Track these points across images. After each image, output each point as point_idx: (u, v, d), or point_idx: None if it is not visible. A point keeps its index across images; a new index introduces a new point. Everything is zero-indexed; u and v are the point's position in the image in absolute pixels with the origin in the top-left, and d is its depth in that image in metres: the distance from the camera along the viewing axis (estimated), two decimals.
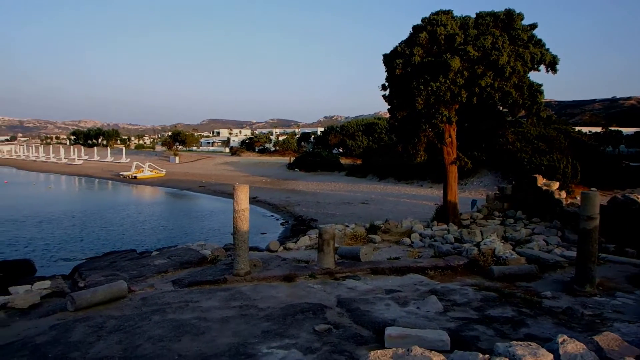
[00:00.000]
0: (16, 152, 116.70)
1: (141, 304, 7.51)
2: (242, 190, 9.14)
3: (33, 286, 8.72)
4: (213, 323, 6.57)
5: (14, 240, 22.71)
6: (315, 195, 37.92)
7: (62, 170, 72.55)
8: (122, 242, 22.60)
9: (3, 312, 7.36)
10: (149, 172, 59.38)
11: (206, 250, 12.20)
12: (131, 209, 34.25)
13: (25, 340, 6.08)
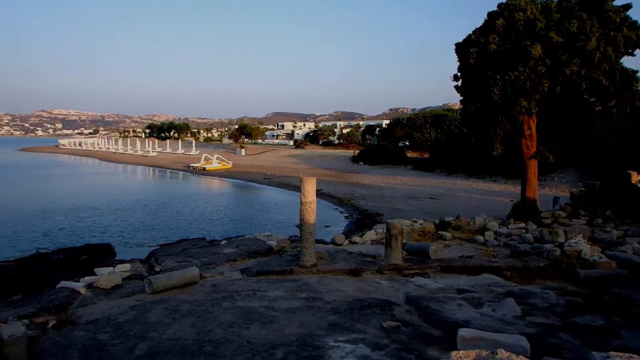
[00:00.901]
0: (98, 144, 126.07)
1: (212, 290, 7.88)
2: (309, 182, 9.27)
3: (115, 268, 9.44)
4: (280, 313, 6.75)
5: (93, 226, 24.63)
6: (381, 189, 37.61)
7: (138, 161, 77.43)
8: (191, 230, 23.76)
9: (90, 291, 8.05)
10: (216, 164, 61.80)
11: (272, 241, 12.53)
12: (200, 199, 35.88)
13: (109, 317, 6.61)
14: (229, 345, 5.58)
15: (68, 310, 7.22)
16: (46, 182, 47.49)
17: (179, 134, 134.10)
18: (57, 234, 22.68)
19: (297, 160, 66.94)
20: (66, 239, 21.61)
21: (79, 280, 8.93)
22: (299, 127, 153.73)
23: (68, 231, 23.40)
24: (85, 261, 14.61)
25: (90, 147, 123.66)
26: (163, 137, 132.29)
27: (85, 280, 8.76)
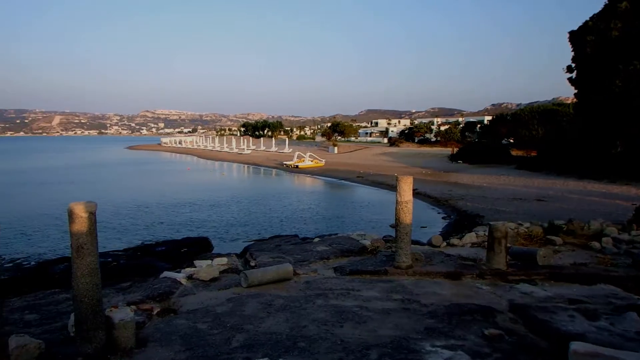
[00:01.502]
0: (196, 142, 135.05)
1: (305, 287, 8.08)
2: (405, 181, 9.14)
3: (213, 262, 10.05)
4: (374, 313, 6.73)
5: (190, 221, 26.51)
6: (482, 190, 35.97)
7: (233, 158, 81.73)
8: (283, 227, 24.57)
9: (190, 282, 8.66)
10: (309, 162, 63.21)
11: (366, 240, 12.53)
12: (292, 197, 36.96)
13: (208, 308, 7.06)
14: (322, 343, 5.68)
15: (170, 299, 7.80)
16: (150, 178, 51.96)
17: (272, 132, 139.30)
18: (158, 227, 24.75)
19: (391, 159, 66.33)
20: (167, 232, 23.49)
21: (180, 271, 9.63)
22: (393, 124, 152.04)
23: (169, 225, 25.42)
24: (186, 253, 15.78)
25: (189, 145, 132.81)
26: (257, 135, 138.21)
27: (186, 272, 9.43)
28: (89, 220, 5.91)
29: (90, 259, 5.96)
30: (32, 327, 7.22)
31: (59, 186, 44.44)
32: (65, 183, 47.26)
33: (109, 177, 53.80)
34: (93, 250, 5.99)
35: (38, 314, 8.03)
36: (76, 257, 5.92)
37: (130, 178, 51.74)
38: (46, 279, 13.64)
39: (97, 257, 6.10)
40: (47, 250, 20.24)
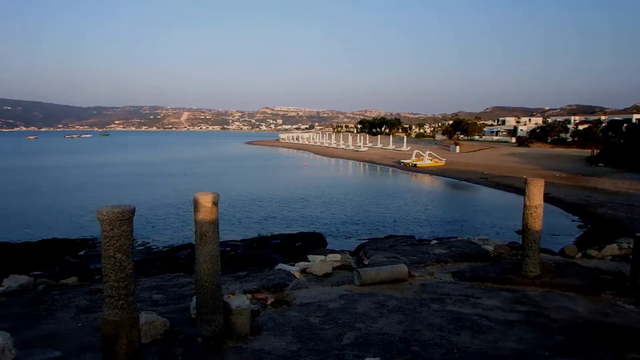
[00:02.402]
0: (313, 139, 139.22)
1: (420, 290, 7.92)
2: (535, 184, 8.52)
3: (326, 257, 10.30)
4: (495, 324, 6.38)
5: (302, 216, 27.41)
6: (629, 197, 32.22)
7: (349, 156, 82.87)
8: (397, 227, 24.33)
9: (303, 276, 8.97)
10: (428, 161, 61.80)
11: (488, 246, 11.93)
12: (408, 196, 36.43)
13: (320, 303, 7.25)
14: (437, 349, 5.53)
15: (284, 291, 8.14)
16: (266, 172, 54.76)
17: (390, 130, 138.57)
18: (272, 221, 26.02)
19: (519, 160, 62.28)
20: (280, 226, 24.60)
21: (294, 265, 10.01)
22: (522, 122, 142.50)
23: (282, 219, 26.61)
24: (300, 247, 16.37)
25: (305, 141, 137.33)
26: (374, 132, 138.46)
27: (299, 265, 9.79)
28: (212, 210, 6.39)
29: (212, 247, 6.45)
30: (158, 306, 8.03)
31: (184, 178, 48.89)
32: (189, 175, 51.81)
33: (227, 170, 57.81)
34: (215, 238, 6.48)
35: (164, 294, 8.90)
36: (199, 244, 6.45)
37: (247, 172, 55.08)
38: (171, 263, 15.10)
39: (218, 245, 6.59)
40: (172, 237, 22.37)
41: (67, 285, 10.15)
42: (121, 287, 4.78)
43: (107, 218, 4.67)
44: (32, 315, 7.76)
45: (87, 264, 15.88)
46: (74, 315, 7.72)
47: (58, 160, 78.76)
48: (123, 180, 46.51)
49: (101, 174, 53.28)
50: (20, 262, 17.18)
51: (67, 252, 19.06)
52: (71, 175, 51.51)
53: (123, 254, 4.77)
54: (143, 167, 62.19)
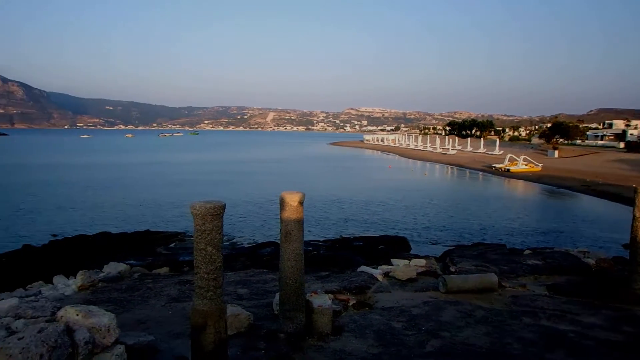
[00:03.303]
0: (399, 141, 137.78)
1: (511, 302, 7.60)
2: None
3: (410, 262, 10.18)
4: (595, 344, 5.97)
5: (384, 219, 27.24)
6: None
7: (436, 158, 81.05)
8: (485, 235, 23.44)
9: (386, 280, 8.94)
10: (523, 166, 58.85)
11: (589, 259, 11.14)
12: (499, 203, 34.93)
13: (403, 308, 7.19)
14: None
15: (366, 293, 8.17)
16: (349, 174, 55.04)
17: (481, 132, 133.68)
18: (353, 223, 26.11)
19: (628, 167, 57.45)
20: (361, 228, 24.66)
21: (377, 268, 10.00)
22: (633, 125, 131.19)
23: (363, 221, 26.64)
24: (382, 251, 16.31)
25: (391, 143, 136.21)
26: (464, 134, 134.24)
27: (382, 269, 9.76)
28: (298, 209, 6.58)
29: (296, 245, 6.63)
30: (243, 300, 8.38)
31: (267, 177, 50.56)
32: (273, 174, 53.45)
33: (310, 171, 58.82)
34: (299, 237, 6.66)
35: (248, 289, 9.28)
36: (284, 242, 6.66)
37: (330, 173, 55.66)
38: (255, 259, 15.67)
39: (302, 243, 6.76)
40: (255, 234, 23.22)
41: (160, 274, 10.90)
42: (211, 279, 5.06)
43: (200, 212, 4.97)
44: (128, 300, 8.43)
45: (176, 255, 16.91)
46: (165, 304, 8.28)
47: (154, 157, 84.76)
48: (211, 178, 49.00)
49: (192, 171, 56.59)
50: (118, 250, 18.75)
51: (158, 243, 20.45)
52: (166, 172, 55.17)
53: (213, 248, 5.05)
54: (230, 166, 65.14)
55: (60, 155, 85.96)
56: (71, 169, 58.76)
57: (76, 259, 16.58)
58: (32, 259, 16.99)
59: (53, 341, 3.32)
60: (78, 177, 48.47)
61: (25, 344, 3.22)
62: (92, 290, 8.99)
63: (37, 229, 24.46)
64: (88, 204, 32.38)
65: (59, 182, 44.37)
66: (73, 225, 25.41)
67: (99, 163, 68.79)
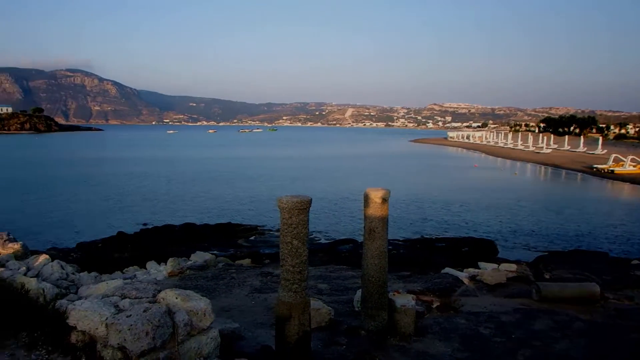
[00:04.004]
0: (486, 138, 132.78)
1: (615, 315, 7.16)
2: None
3: (500, 266, 9.87)
4: None
5: (465, 220, 26.38)
6: None
7: (528, 158, 77.20)
8: (581, 242, 22.07)
9: (473, 283, 8.75)
10: (630, 167, 54.64)
11: None
12: (600, 207, 32.69)
13: (491, 314, 7.02)
14: None
15: (451, 296, 8.05)
16: (431, 172, 53.92)
17: (581, 129, 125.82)
18: (433, 223, 25.57)
19: None
20: (443, 229, 24.09)
21: (463, 270, 9.80)
22: None
23: (445, 222, 25.98)
24: (466, 253, 15.91)
25: (477, 140, 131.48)
26: (560, 132, 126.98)
27: (468, 272, 9.56)
28: (383, 206, 6.62)
29: (380, 243, 6.68)
30: (323, 295, 8.57)
31: (345, 173, 50.81)
32: (351, 171, 53.59)
33: (389, 168, 58.28)
34: (384, 234, 6.70)
35: (329, 284, 9.47)
36: (367, 239, 6.73)
37: (410, 171, 54.78)
38: (333, 255, 15.90)
39: (386, 241, 6.79)
40: (334, 230, 23.46)
41: (242, 265, 11.41)
42: (296, 272, 5.26)
43: (287, 206, 5.17)
44: (214, 288, 8.91)
45: (257, 248, 17.56)
46: (248, 294, 8.67)
47: (234, 152, 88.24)
48: (289, 173, 50.14)
49: (271, 166, 58.24)
50: (201, 241, 19.80)
51: (239, 236, 21.33)
52: (245, 167, 57.25)
53: (299, 241, 5.24)
54: (307, 162, 66.23)
55: (147, 150, 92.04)
56: (156, 162, 62.82)
57: (164, 247, 17.75)
58: (126, 245, 18.43)
59: (157, 321, 3.63)
60: (162, 170, 51.71)
61: (133, 322, 3.55)
62: (180, 277, 9.60)
63: (128, 218, 26.39)
64: (171, 196, 34.47)
65: (145, 175, 47.62)
66: (158, 215, 27.16)
67: (182, 157, 72.82)
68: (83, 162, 61.09)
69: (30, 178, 44.45)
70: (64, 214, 27.96)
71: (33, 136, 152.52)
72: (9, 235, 6.74)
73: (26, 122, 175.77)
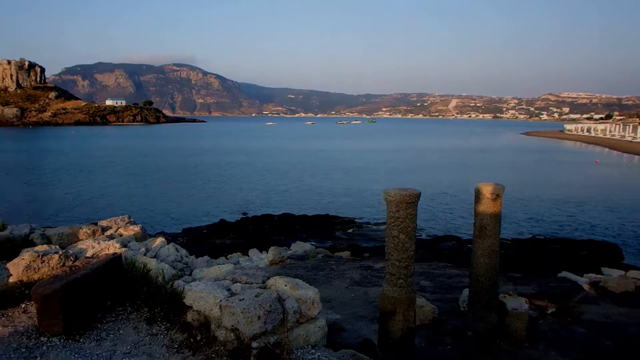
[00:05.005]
0: (610, 131, 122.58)
1: None
2: None
3: (627, 273, 9.15)
4: None
5: (575, 221, 24.62)
6: None
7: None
8: None
9: (593, 290, 8.19)
10: None
11: None
12: None
13: (616, 325, 6.54)
14: None
15: (568, 303, 7.61)
16: (543, 167, 50.84)
17: None
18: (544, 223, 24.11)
19: None
20: (554, 229, 22.68)
21: (583, 276, 9.22)
22: None
23: (556, 222, 24.41)
24: (586, 257, 14.90)
25: (600, 133, 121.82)
26: None
27: (589, 277, 8.97)
28: (495, 203, 6.40)
29: (492, 241, 6.47)
30: (426, 292, 8.48)
31: (446, 166, 49.50)
32: (452, 165, 52.07)
33: (495, 162, 55.76)
34: (495, 232, 6.48)
35: (432, 282, 9.35)
36: (478, 237, 6.54)
37: (518, 166, 52.00)
38: (434, 252, 15.63)
39: (498, 240, 6.56)
40: (435, 226, 23.01)
41: (342, 257, 11.60)
42: (402, 266, 5.25)
43: (394, 199, 5.17)
44: (314, 279, 9.16)
45: (356, 241, 17.71)
46: (348, 286, 8.81)
47: (332, 144, 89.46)
48: (386, 166, 49.92)
49: (367, 159, 58.29)
50: (299, 231, 20.38)
51: (336, 228, 21.65)
52: (342, 159, 57.88)
53: (406, 236, 5.22)
54: (406, 154, 65.48)
55: (246, 141, 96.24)
56: (254, 153, 65.58)
57: (264, 235, 18.54)
58: (228, 232, 19.51)
59: (268, 306, 3.83)
60: (258, 161, 53.90)
61: (245, 305, 3.78)
62: (281, 266, 9.98)
63: (227, 206, 27.86)
64: (268, 186, 35.84)
65: (243, 164, 49.98)
66: (256, 204, 28.47)
67: (280, 148, 75.22)
68: (187, 152, 65.38)
69: (145, 166, 48.56)
70: (169, 199, 30.26)
71: (143, 127, 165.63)
72: (130, 218, 7.42)
73: (137, 114, 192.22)
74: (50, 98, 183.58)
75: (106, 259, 4.94)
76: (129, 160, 55.09)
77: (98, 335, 4.34)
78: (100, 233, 7.07)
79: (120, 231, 7.10)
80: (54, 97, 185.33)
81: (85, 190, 33.37)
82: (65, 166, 47.54)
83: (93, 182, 37.33)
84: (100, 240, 6.25)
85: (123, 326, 4.53)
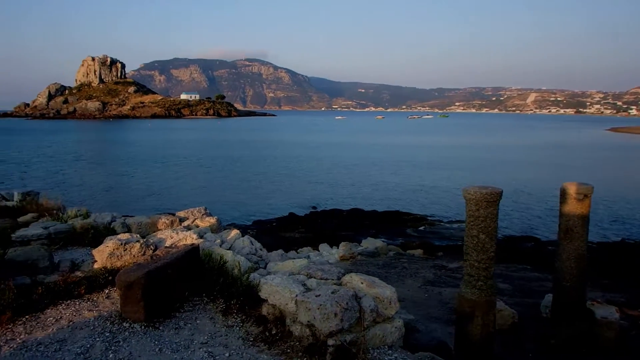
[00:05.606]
0: None
1: None
2: None
3: None
4: None
5: None
6: None
7: None
8: None
9: None
10: None
11: None
12: None
13: None
14: None
15: None
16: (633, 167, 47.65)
17: None
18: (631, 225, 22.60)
19: None
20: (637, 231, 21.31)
21: None
22: None
23: None
24: None
25: None
26: None
27: None
28: (583, 204, 6.02)
29: (579, 244, 6.10)
30: (504, 296, 8.14)
31: (523, 164, 47.46)
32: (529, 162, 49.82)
33: (577, 160, 52.75)
34: (583, 235, 6.10)
35: (510, 285, 8.97)
36: (563, 239, 6.18)
37: (603, 165, 48.84)
38: (510, 253, 14.94)
39: (585, 243, 6.17)
40: (510, 225, 22.04)
41: (414, 256, 11.39)
42: (481, 268, 5.04)
43: (474, 198, 4.97)
44: (385, 277, 9.03)
45: (428, 239, 17.32)
46: (421, 285, 8.62)
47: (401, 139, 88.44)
48: (458, 163, 48.52)
49: (439, 155, 57.05)
50: (369, 227, 20.23)
51: (407, 225, 21.27)
52: (412, 154, 57.01)
53: (487, 236, 5.00)
54: (480, 151, 63.42)
55: (316, 134, 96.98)
56: (322, 147, 65.93)
57: (334, 230, 18.56)
58: (297, 226, 19.72)
59: (345, 303, 3.79)
60: (326, 155, 54.07)
61: (322, 301, 3.76)
62: (352, 262, 9.93)
63: (295, 200, 28.11)
64: (335, 180, 35.89)
65: (310, 158, 50.37)
66: (324, 199, 28.54)
67: (348, 142, 75.22)
68: (257, 145, 66.95)
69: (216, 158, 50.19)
70: (239, 191, 31.07)
71: (216, 120, 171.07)
72: (206, 210, 7.64)
73: (210, 108, 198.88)
74: (129, 92, 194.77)
75: (185, 249, 5.09)
76: (200, 152, 57.14)
77: (176, 324, 4.48)
78: (178, 223, 7.31)
79: (197, 222, 7.31)
80: (132, 92, 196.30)
81: (158, 180, 35.13)
82: (140, 157, 50.33)
83: (165, 173, 39.17)
84: (178, 231, 6.47)
85: (200, 316, 4.65)
